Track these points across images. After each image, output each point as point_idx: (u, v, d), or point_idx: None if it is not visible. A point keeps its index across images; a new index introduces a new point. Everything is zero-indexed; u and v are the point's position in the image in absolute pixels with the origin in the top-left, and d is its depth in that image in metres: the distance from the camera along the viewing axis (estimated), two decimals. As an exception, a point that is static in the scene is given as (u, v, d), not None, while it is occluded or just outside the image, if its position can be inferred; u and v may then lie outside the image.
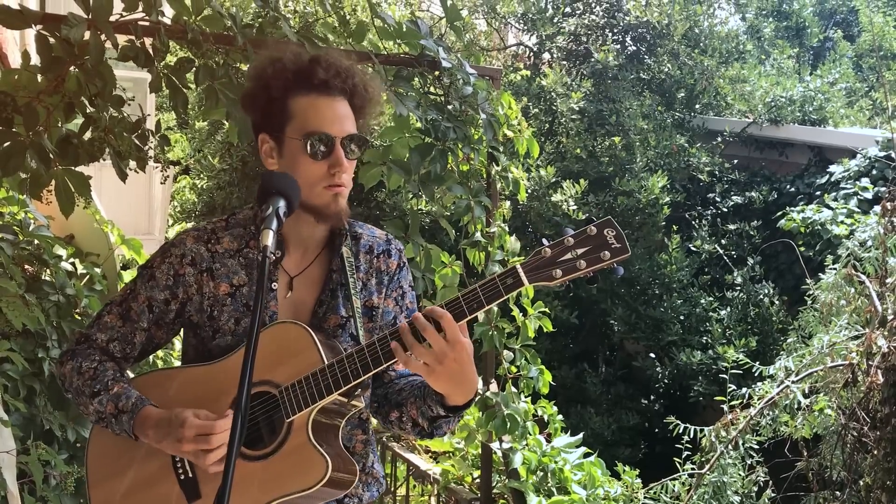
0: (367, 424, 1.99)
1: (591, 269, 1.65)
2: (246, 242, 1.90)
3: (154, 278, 1.90)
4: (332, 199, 1.82)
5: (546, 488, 4.19)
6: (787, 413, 4.14)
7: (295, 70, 1.83)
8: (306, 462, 1.74)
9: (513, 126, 3.89)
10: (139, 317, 1.90)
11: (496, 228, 3.78)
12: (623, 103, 9.94)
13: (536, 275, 1.66)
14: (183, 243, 1.90)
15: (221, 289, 1.87)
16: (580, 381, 9.42)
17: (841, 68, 12.45)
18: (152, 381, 1.93)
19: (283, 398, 1.77)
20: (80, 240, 4.45)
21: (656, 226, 9.47)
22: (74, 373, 1.88)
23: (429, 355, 1.65)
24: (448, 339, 1.64)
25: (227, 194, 10.75)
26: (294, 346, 1.79)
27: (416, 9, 11.08)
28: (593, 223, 1.66)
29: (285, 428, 1.77)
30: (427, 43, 3.34)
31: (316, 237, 1.92)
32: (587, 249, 1.65)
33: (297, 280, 1.91)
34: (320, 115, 1.81)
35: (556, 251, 1.66)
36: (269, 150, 1.86)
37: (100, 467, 1.93)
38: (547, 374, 4.01)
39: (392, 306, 1.98)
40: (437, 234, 7.67)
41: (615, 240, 1.65)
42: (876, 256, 4.10)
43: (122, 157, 2.86)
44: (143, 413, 1.80)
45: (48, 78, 2.68)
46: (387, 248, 1.99)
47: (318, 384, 1.75)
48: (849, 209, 7.65)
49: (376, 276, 1.96)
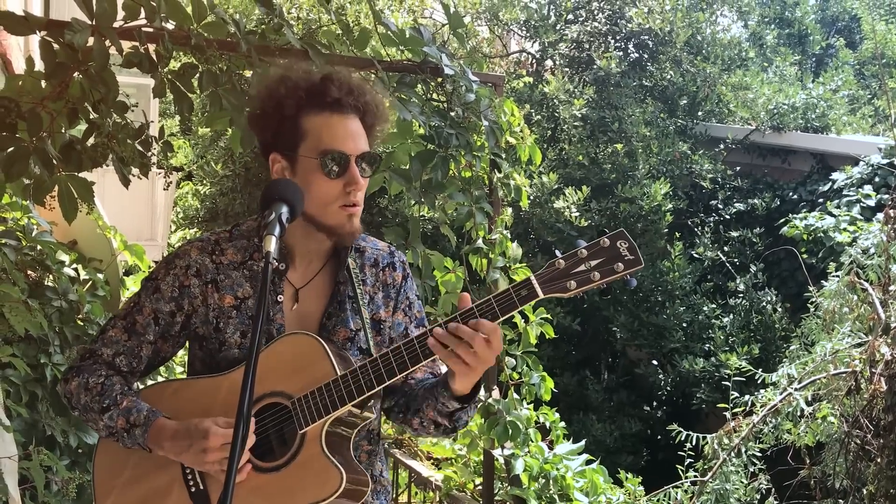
0: (374, 434, 1.99)
1: (605, 280, 1.66)
2: (250, 254, 1.89)
3: (159, 290, 1.88)
4: (346, 219, 1.82)
5: (548, 495, 4.18)
6: (790, 420, 4.13)
7: (307, 88, 1.82)
8: (320, 473, 1.73)
9: (515, 133, 3.90)
10: (145, 330, 1.88)
11: (498, 235, 3.78)
12: (625, 110, 9.95)
13: (551, 286, 1.68)
14: (187, 254, 1.89)
15: (226, 301, 1.86)
16: (582, 388, 9.41)
17: (843, 76, 12.45)
18: (159, 393, 1.92)
19: (295, 410, 1.76)
20: (82, 245, 4.45)
21: (659, 233, 9.47)
22: (81, 389, 1.85)
23: (472, 357, 1.67)
24: (493, 349, 1.67)
25: (230, 200, 10.76)
26: (306, 357, 1.78)
27: (419, 16, 11.09)
28: (606, 235, 1.68)
29: (298, 439, 1.77)
30: (430, 50, 3.34)
31: (322, 250, 1.91)
32: (601, 261, 1.67)
33: (303, 292, 1.89)
34: (334, 133, 1.80)
35: (570, 263, 1.68)
36: (280, 169, 1.84)
37: (108, 480, 1.92)
38: (549, 381, 4.00)
39: (402, 318, 1.98)
40: (440, 241, 7.67)
41: (628, 251, 1.66)
42: (879, 264, 4.09)
43: (125, 163, 2.86)
44: (156, 425, 1.78)
45: (52, 84, 2.68)
46: (391, 262, 1.99)
47: (331, 395, 1.74)
48: (851, 216, 7.65)
49: (383, 290, 1.96)
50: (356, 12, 9.50)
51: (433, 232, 7.86)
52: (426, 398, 1.87)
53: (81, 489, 3.23)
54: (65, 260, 3.89)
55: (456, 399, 1.79)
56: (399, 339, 1.92)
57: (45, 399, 3.34)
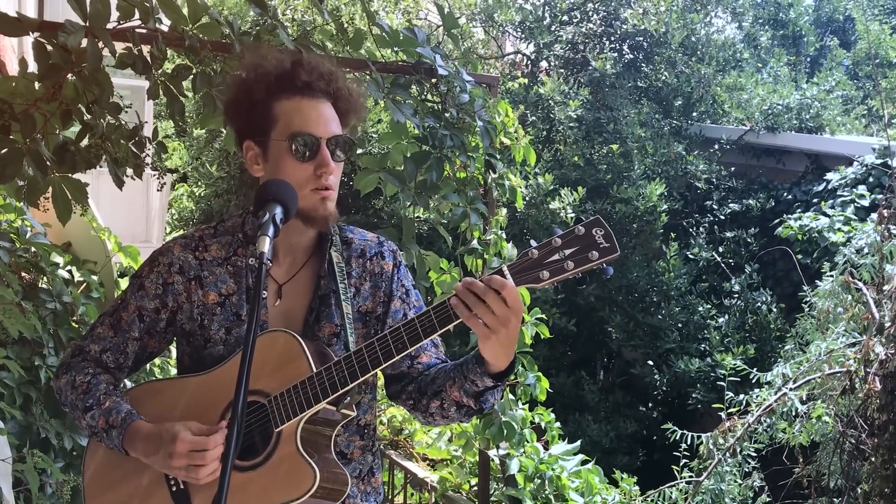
0: (368, 430, 1.97)
1: (580, 269, 1.60)
2: (234, 250, 1.88)
3: (143, 288, 1.89)
4: (319, 202, 1.80)
5: (543, 496, 4.18)
6: (785, 420, 4.14)
7: (277, 74, 1.82)
8: (294, 472, 1.72)
9: (510, 134, 3.90)
10: (130, 327, 1.89)
11: (493, 236, 3.78)
12: (621, 111, 9.96)
13: (523, 276, 1.63)
14: (170, 251, 1.89)
15: (210, 298, 1.86)
16: (578, 388, 9.41)
17: (837, 76, 12.48)
18: (144, 393, 1.93)
19: (271, 408, 1.76)
20: (77, 247, 4.45)
21: (654, 233, 9.48)
22: (69, 387, 1.87)
23: (491, 317, 1.62)
24: (510, 306, 1.61)
25: (225, 202, 10.76)
26: (283, 354, 1.77)
27: (414, 17, 11.10)
28: (581, 223, 1.62)
29: (274, 438, 1.76)
30: (424, 51, 3.34)
31: (304, 244, 1.90)
32: (575, 250, 1.60)
33: (286, 287, 1.88)
34: (305, 116, 1.80)
35: (544, 252, 1.62)
36: (254, 156, 1.85)
37: (96, 480, 1.93)
38: (544, 382, 4.00)
39: (399, 305, 1.95)
40: (435, 242, 7.67)
41: (604, 239, 1.59)
42: (873, 263, 4.11)
43: (118, 164, 2.86)
44: (132, 428, 1.79)
45: (46, 85, 2.68)
46: (379, 251, 1.96)
47: (305, 393, 1.73)
48: (846, 216, 7.68)
49: (370, 280, 1.93)
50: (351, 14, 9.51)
51: (428, 233, 7.86)
52: (451, 378, 1.82)
53: (76, 491, 3.22)
54: (59, 262, 3.88)
55: (490, 376, 1.75)
56: None
57: (39, 401, 3.33)
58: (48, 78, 2.66)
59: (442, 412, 1.87)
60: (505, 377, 1.77)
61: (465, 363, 1.80)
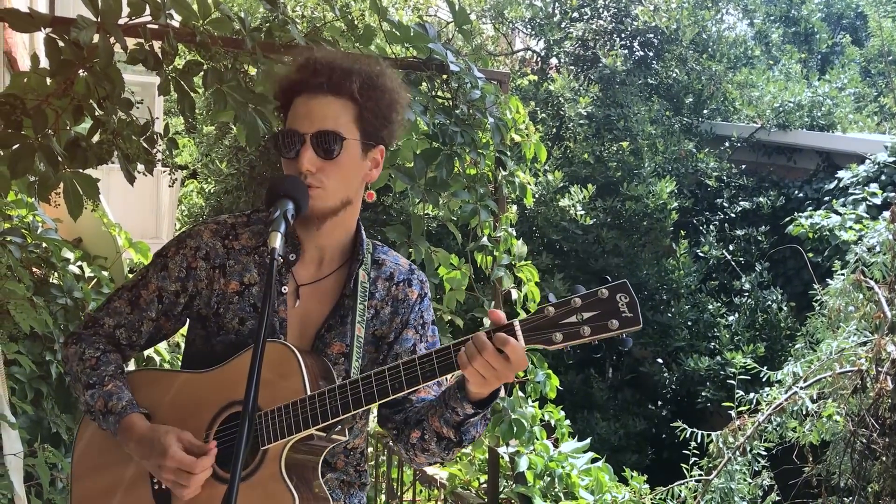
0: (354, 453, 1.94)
1: (596, 337, 1.52)
2: (264, 241, 1.85)
3: (167, 268, 1.87)
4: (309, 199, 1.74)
5: (553, 493, 4.18)
6: (795, 419, 4.12)
7: (286, 81, 1.84)
8: (272, 496, 1.68)
9: (520, 130, 3.88)
10: (148, 306, 1.87)
11: (503, 233, 3.78)
12: (631, 108, 9.93)
13: (534, 336, 1.57)
14: (199, 235, 1.87)
15: (231, 287, 1.84)
16: (587, 386, 9.40)
17: (849, 73, 12.42)
18: (143, 380, 1.92)
19: (260, 424, 1.71)
20: (87, 243, 4.47)
21: (664, 231, 9.46)
22: (76, 358, 1.87)
23: (490, 371, 1.59)
24: (512, 362, 1.58)
25: (235, 198, 10.78)
26: (280, 368, 1.72)
27: (424, 13, 11.09)
28: (606, 285, 1.54)
29: (260, 455, 1.72)
30: (435, 46, 3.33)
31: (333, 248, 1.87)
32: (594, 315, 1.52)
33: (305, 290, 1.85)
34: (294, 113, 1.79)
35: (560, 312, 1.55)
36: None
37: (83, 461, 1.94)
38: (554, 379, 3.99)
39: (412, 334, 1.90)
40: (444, 239, 7.67)
41: (627, 308, 1.51)
42: (885, 262, 4.08)
43: (130, 161, 2.86)
44: (128, 420, 1.78)
45: (57, 81, 2.68)
46: (408, 278, 1.93)
47: (296, 417, 1.68)
48: (857, 214, 7.63)
49: (391, 305, 1.90)
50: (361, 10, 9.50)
51: (438, 230, 7.86)
52: (432, 406, 1.79)
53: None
54: (70, 257, 3.90)
55: (471, 403, 1.70)
56: (405, 355, 1.86)
57: (50, 396, 3.35)
58: (60, 74, 2.67)
59: (423, 444, 1.82)
60: (487, 405, 1.72)
61: (444, 392, 1.76)
